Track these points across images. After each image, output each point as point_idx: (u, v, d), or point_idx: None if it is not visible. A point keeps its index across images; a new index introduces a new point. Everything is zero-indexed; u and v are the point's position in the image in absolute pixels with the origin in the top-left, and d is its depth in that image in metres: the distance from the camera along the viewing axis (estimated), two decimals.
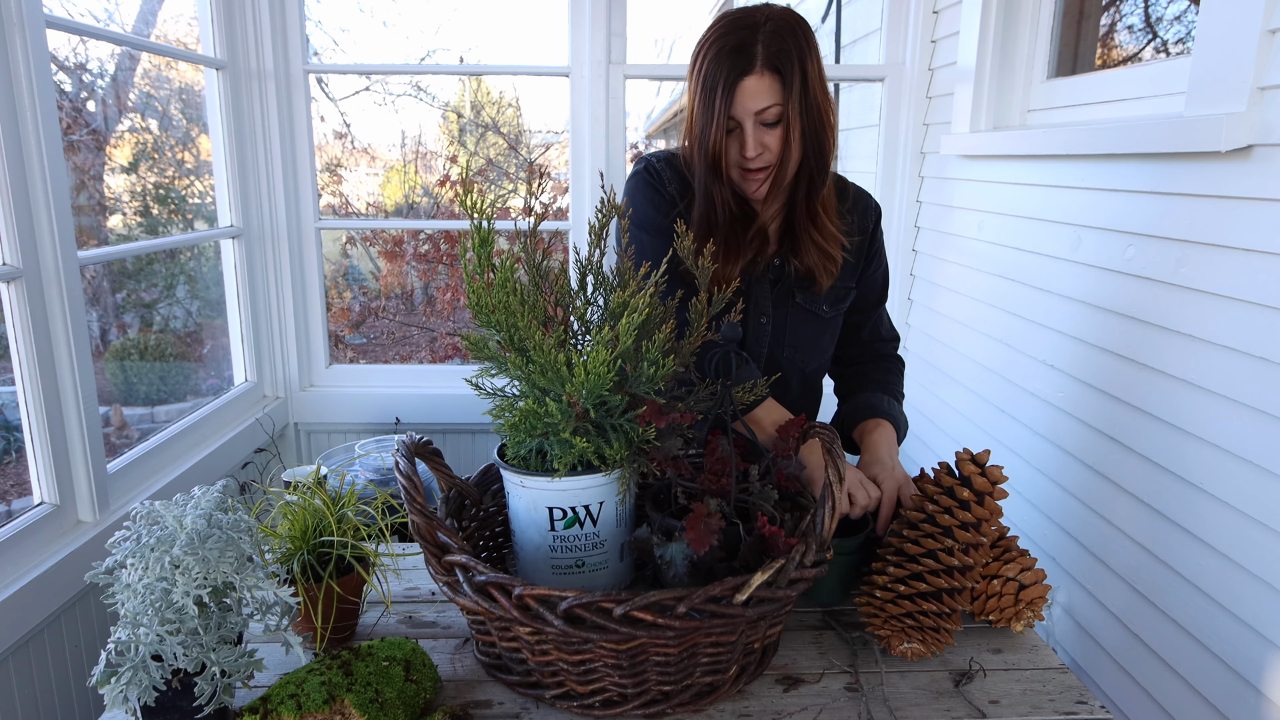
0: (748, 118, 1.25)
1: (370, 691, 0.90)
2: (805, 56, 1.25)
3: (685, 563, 1.00)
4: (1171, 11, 1.75)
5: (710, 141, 1.27)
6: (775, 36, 1.23)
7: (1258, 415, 1.22)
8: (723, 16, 1.27)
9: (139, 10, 3.34)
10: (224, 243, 2.36)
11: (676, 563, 1.00)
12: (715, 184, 1.31)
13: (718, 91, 1.24)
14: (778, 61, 1.23)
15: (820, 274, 1.38)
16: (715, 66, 1.24)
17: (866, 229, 1.46)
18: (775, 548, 0.97)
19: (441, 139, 5.58)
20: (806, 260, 1.37)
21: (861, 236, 1.45)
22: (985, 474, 1.12)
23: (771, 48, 1.23)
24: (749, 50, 1.23)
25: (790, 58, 1.23)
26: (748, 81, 1.23)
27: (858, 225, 1.44)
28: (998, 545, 1.18)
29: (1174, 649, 1.38)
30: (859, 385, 1.50)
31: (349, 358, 5.13)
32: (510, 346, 1.03)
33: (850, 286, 1.47)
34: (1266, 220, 1.21)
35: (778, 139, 1.27)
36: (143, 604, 0.85)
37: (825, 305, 1.44)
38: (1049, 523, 1.76)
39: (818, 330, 1.46)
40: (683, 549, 1.00)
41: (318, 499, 1.11)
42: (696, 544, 0.95)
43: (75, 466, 1.61)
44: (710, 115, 1.25)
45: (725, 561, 1.02)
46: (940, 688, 1.04)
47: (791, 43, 1.24)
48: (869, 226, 1.46)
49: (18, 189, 1.47)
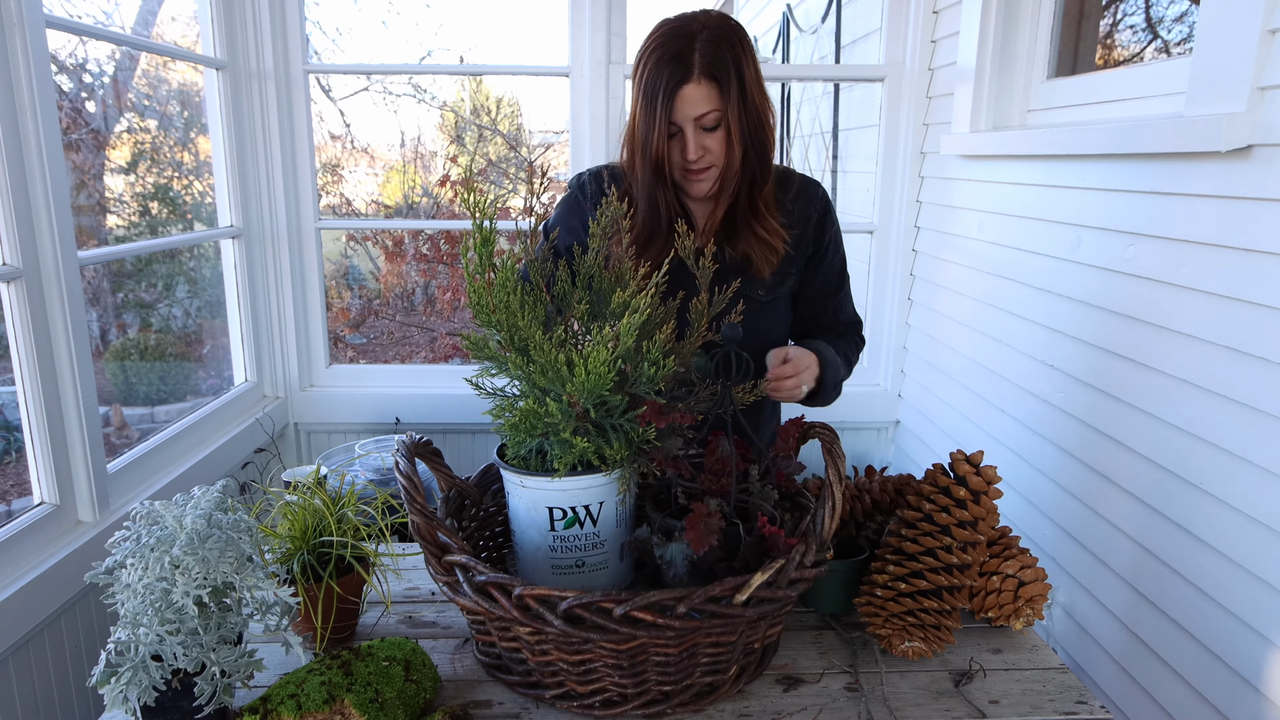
0: (688, 123, 1.30)
1: (370, 691, 0.90)
2: (741, 62, 1.30)
3: (685, 563, 1.00)
4: (1172, 12, 1.75)
5: (653, 147, 1.31)
6: (711, 44, 1.28)
7: (1258, 415, 1.22)
8: (661, 25, 1.32)
9: (139, 10, 3.34)
10: (224, 243, 2.36)
11: (676, 563, 1.00)
12: (659, 187, 1.35)
13: (658, 99, 1.29)
14: (715, 69, 1.27)
15: (759, 261, 1.42)
16: (655, 75, 1.29)
17: (810, 218, 1.48)
18: (775, 548, 0.97)
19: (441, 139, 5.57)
20: (742, 248, 1.41)
21: (803, 226, 1.47)
22: (980, 473, 1.13)
23: (708, 56, 1.27)
24: (687, 59, 1.27)
25: (727, 65, 1.28)
26: (686, 89, 1.28)
27: (799, 215, 1.47)
28: (997, 544, 1.18)
29: (1174, 649, 1.38)
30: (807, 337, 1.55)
31: (349, 358, 5.13)
32: (510, 346, 1.03)
33: (789, 273, 1.48)
34: (1266, 220, 1.21)
35: (719, 142, 1.32)
36: (143, 604, 0.85)
37: (761, 290, 1.46)
38: (1049, 522, 1.76)
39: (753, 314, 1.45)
40: (683, 549, 1.00)
41: (318, 499, 1.11)
42: (696, 544, 0.95)
43: (75, 466, 1.61)
44: (652, 122, 1.30)
45: (725, 561, 1.02)
46: (940, 688, 1.04)
47: (727, 50, 1.29)
48: (812, 216, 1.48)
49: (18, 189, 1.47)
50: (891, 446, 2.71)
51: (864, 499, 1.29)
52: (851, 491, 1.30)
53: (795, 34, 4.23)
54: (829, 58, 3.59)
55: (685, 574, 1.00)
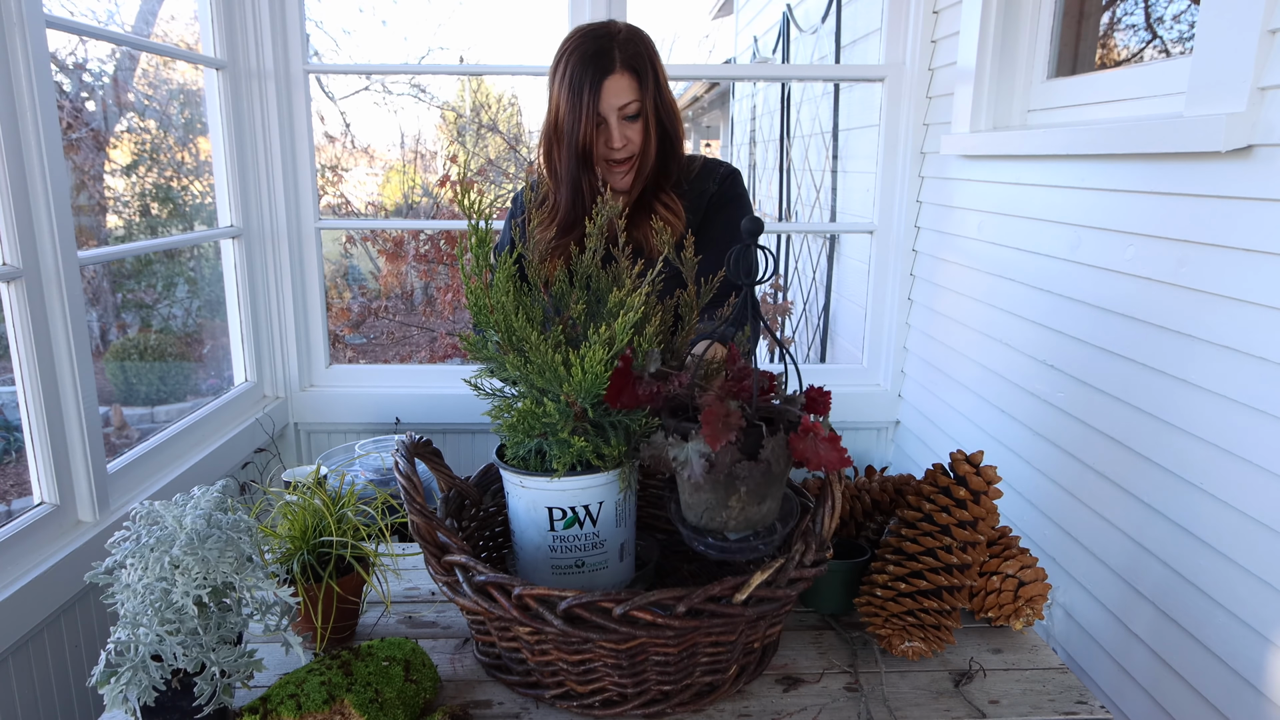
0: (612, 113, 1.44)
1: (370, 691, 0.90)
2: (655, 60, 1.47)
3: (702, 462, 0.91)
4: (1172, 11, 1.75)
5: (580, 135, 1.43)
6: (629, 43, 1.44)
7: (1258, 415, 1.22)
8: (577, 30, 1.47)
9: (139, 10, 3.34)
10: (224, 243, 2.36)
11: (692, 463, 0.91)
12: (584, 174, 1.47)
13: (584, 90, 1.42)
14: (634, 63, 1.43)
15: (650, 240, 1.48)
16: (580, 69, 1.42)
17: (707, 189, 1.59)
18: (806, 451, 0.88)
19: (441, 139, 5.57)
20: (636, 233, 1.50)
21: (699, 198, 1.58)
22: (980, 473, 1.13)
23: (627, 51, 1.43)
24: (608, 54, 1.42)
25: (644, 60, 1.44)
26: (609, 81, 1.42)
27: (695, 190, 1.58)
28: (997, 544, 1.18)
29: (1174, 649, 1.38)
30: None
31: (349, 358, 5.13)
32: (508, 347, 1.03)
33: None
34: (1266, 220, 1.21)
35: (638, 131, 1.47)
36: (142, 604, 0.85)
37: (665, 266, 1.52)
38: (1049, 522, 1.76)
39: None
40: (699, 448, 0.91)
41: (317, 499, 1.11)
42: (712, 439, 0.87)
43: (75, 466, 1.61)
44: (579, 112, 1.42)
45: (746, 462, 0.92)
46: (940, 688, 1.04)
47: (643, 48, 1.45)
48: (709, 189, 1.59)
49: (18, 189, 1.47)
50: (891, 446, 2.71)
51: (864, 499, 1.29)
52: (851, 491, 1.30)
53: (795, 34, 4.23)
54: (829, 58, 3.59)
55: (702, 475, 0.91)
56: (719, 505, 0.94)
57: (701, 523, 0.96)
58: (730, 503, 0.93)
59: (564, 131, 1.45)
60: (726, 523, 0.95)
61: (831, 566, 1.16)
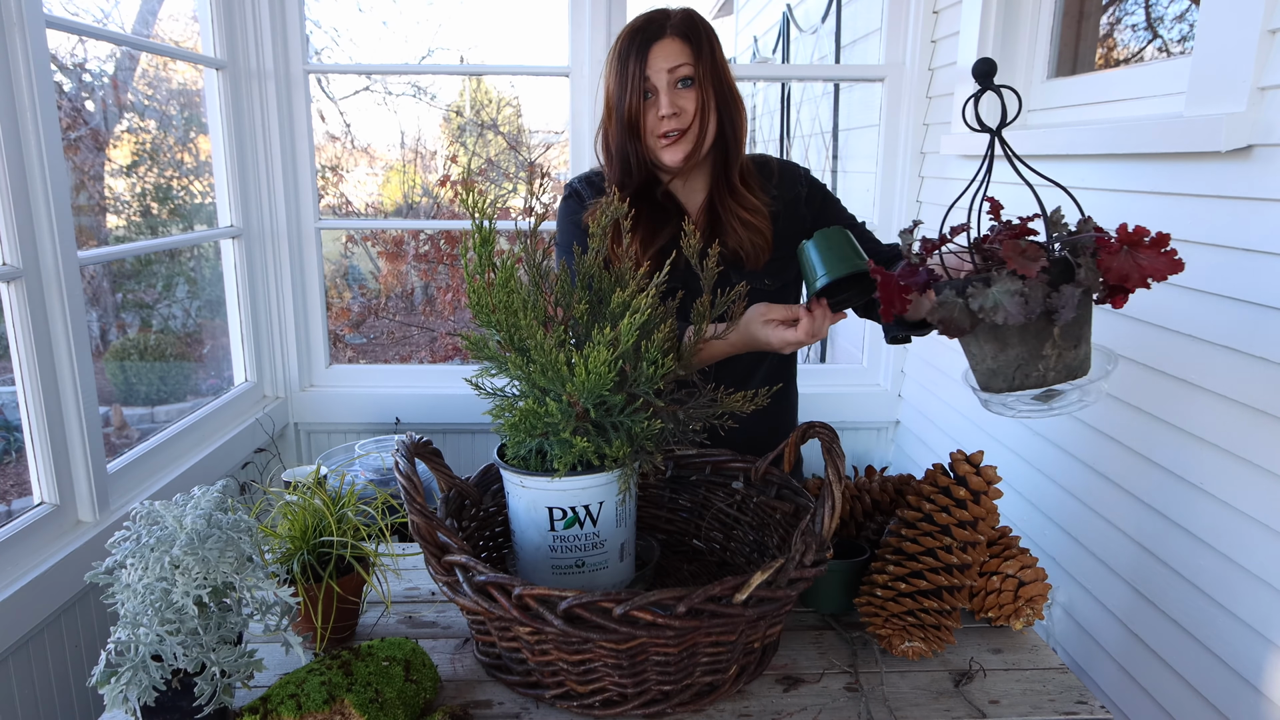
0: (661, 77, 1.34)
1: (370, 691, 0.90)
2: (712, 36, 1.37)
3: (1016, 299, 0.83)
4: (1172, 11, 1.75)
5: (628, 106, 1.35)
6: (683, 14, 1.37)
7: (1258, 415, 1.22)
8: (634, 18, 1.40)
9: (139, 10, 3.34)
10: (224, 243, 2.36)
11: (1004, 304, 0.84)
12: (632, 144, 1.37)
13: (630, 58, 1.34)
14: (686, 29, 1.34)
15: (750, 251, 1.41)
16: (629, 40, 1.35)
17: (799, 195, 1.48)
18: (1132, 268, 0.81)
19: (441, 139, 5.57)
20: (731, 241, 1.40)
21: (794, 205, 1.47)
22: (980, 473, 1.13)
23: (678, 19, 1.35)
24: (658, 22, 1.35)
25: (697, 29, 1.35)
26: (658, 44, 1.33)
27: (787, 196, 1.47)
28: (997, 544, 1.18)
29: (1174, 649, 1.38)
30: None
31: (349, 358, 5.13)
32: (510, 346, 1.03)
33: (790, 254, 1.46)
34: (1266, 220, 1.21)
35: (692, 100, 1.35)
36: (143, 604, 0.85)
37: (768, 279, 1.45)
38: (1049, 522, 1.76)
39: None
40: (1005, 287, 0.84)
41: (318, 499, 1.11)
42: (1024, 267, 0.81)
43: (75, 466, 1.61)
44: (626, 81, 1.34)
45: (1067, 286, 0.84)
46: (940, 688, 1.04)
47: (698, 21, 1.36)
48: (800, 192, 1.49)
49: (18, 189, 1.47)
50: (891, 446, 2.71)
51: (864, 499, 1.29)
52: (851, 491, 1.30)
53: (795, 34, 4.23)
54: (829, 58, 3.59)
55: (1019, 311, 0.83)
56: (1033, 356, 0.87)
57: (1014, 383, 0.89)
58: (1045, 350, 0.87)
59: (613, 105, 1.37)
60: (1045, 375, 0.88)
61: (831, 566, 1.16)
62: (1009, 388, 0.91)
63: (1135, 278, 0.83)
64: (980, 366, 0.94)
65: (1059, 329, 0.86)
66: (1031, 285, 0.84)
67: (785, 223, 1.46)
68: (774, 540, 1.21)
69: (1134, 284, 0.82)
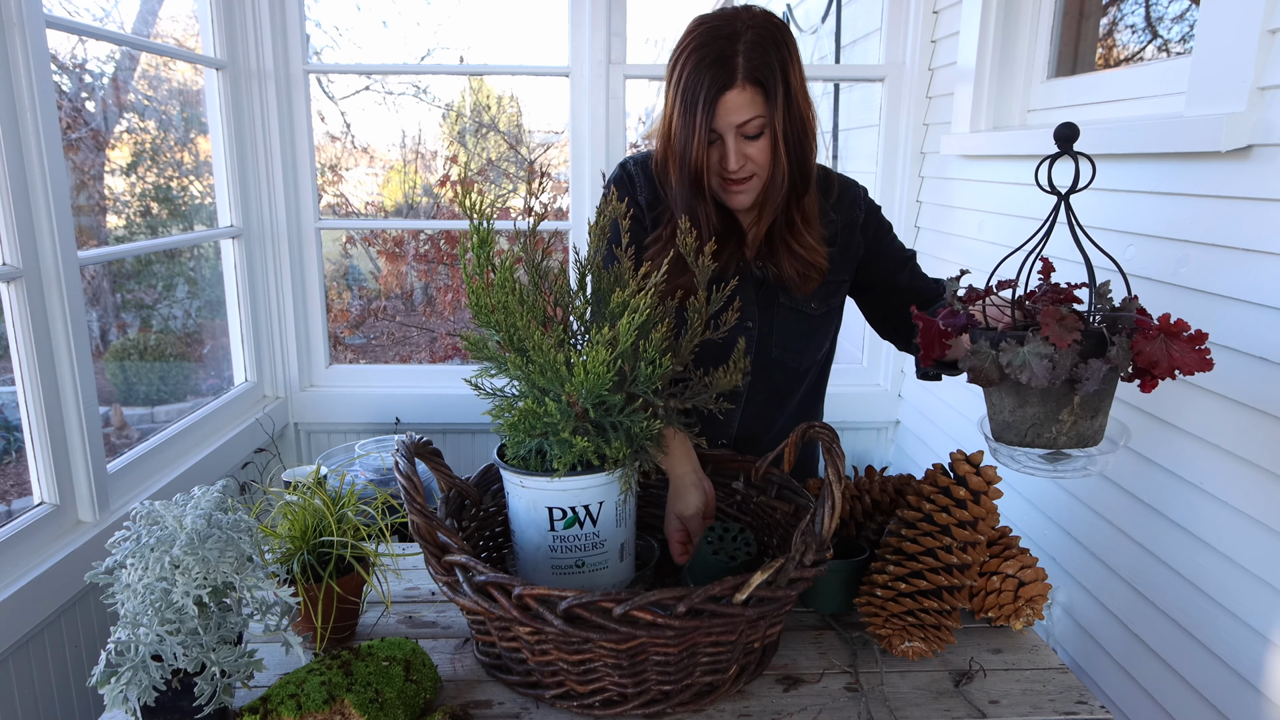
0: (729, 131, 1.22)
1: (370, 691, 0.90)
2: (788, 65, 1.21)
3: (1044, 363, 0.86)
4: (1172, 11, 1.75)
5: (692, 156, 1.22)
6: (756, 47, 1.19)
7: (1258, 415, 1.22)
8: (700, 22, 1.23)
9: (139, 10, 3.34)
10: (224, 243, 2.36)
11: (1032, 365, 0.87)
12: (699, 202, 1.27)
13: (699, 106, 1.19)
14: (760, 74, 1.19)
15: (796, 280, 1.35)
16: (695, 79, 1.19)
17: (855, 220, 1.43)
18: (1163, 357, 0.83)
19: (441, 139, 5.57)
20: (783, 269, 1.35)
21: (849, 232, 1.42)
22: (980, 473, 1.13)
23: (753, 60, 1.18)
24: (730, 62, 1.18)
25: (773, 69, 1.19)
26: (729, 96, 1.19)
27: (843, 222, 1.41)
28: (997, 544, 1.18)
29: (1174, 649, 1.38)
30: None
31: (349, 358, 5.13)
32: (510, 346, 1.03)
33: (842, 280, 1.44)
34: (1266, 220, 1.21)
35: (762, 151, 1.23)
36: (143, 604, 0.85)
37: (814, 303, 1.42)
38: (1049, 522, 1.76)
39: (808, 329, 1.43)
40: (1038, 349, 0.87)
41: (318, 499, 1.11)
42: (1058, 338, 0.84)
43: (75, 466, 1.61)
44: (691, 129, 1.21)
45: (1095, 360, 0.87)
46: (940, 688, 1.04)
47: (774, 53, 1.19)
48: (858, 217, 1.43)
49: (18, 189, 1.47)
50: (891, 446, 2.71)
51: (864, 499, 1.29)
52: (851, 491, 1.30)
53: (795, 34, 4.23)
54: (829, 58, 3.59)
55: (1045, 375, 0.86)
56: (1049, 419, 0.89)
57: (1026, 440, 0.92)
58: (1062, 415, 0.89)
59: (676, 148, 1.24)
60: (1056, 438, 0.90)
61: (831, 566, 1.16)
62: (1019, 443, 0.94)
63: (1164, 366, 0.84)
64: (997, 417, 0.96)
65: (1079, 398, 0.88)
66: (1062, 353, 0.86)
67: (839, 248, 1.40)
68: (774, 540, 1.21)
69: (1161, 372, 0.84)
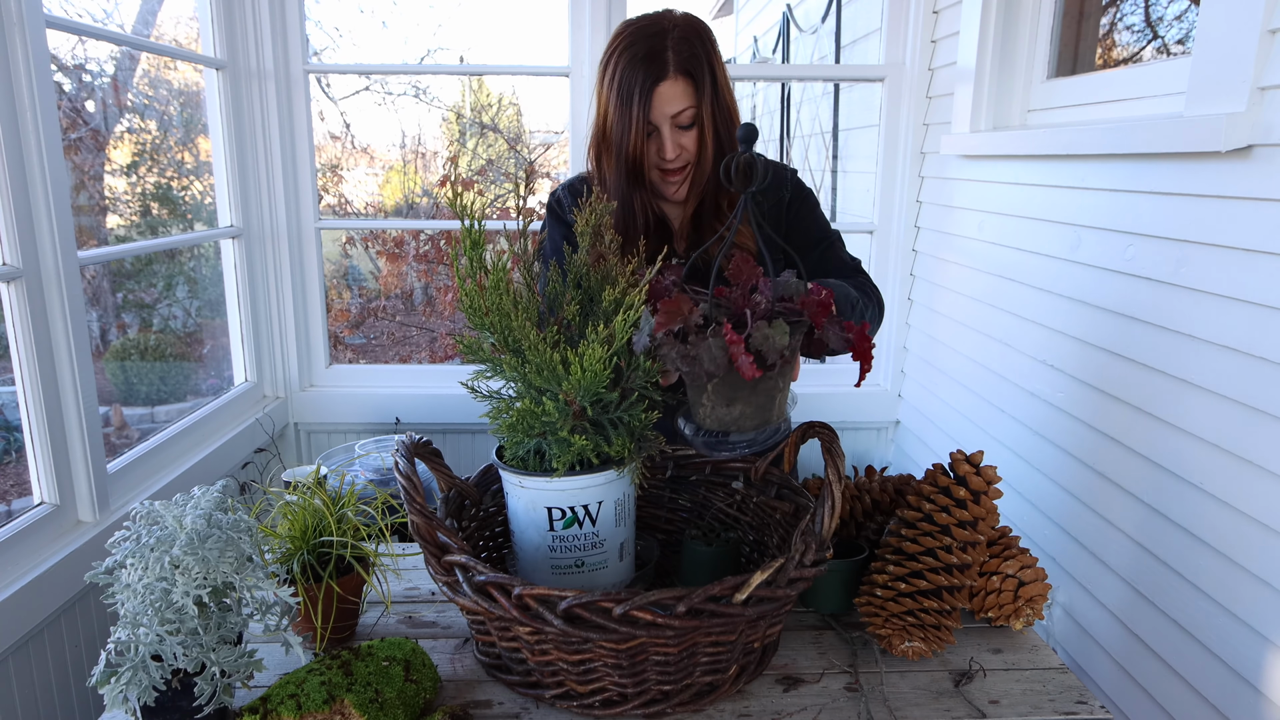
0: (665, 121, 1.30)
1: (370, 691, 0.90)
2: (712, 59, 1.31)
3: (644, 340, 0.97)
4: (1172, 11, 1.75)
5: (629, 146, 1.30)
6: (684, 42, 1.29)
7: (1257, 415, 1.22)
8: (627, 25, 1.32)
9: (139, 10, 3.34)
10: (224, 243, 2.36)
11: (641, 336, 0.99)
12: (636, 192, 1.35)
13: (635, 98, 1.28)
14: (689, 66, 1.28)
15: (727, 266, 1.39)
16: (630, 73, 1.28)
17: (783, 199, 1.46)
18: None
19: (441, 139, 5.57)
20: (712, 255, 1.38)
21: (776, 211, 1.46)
22: (980, 473, 1.13)
23: (682, 53, 1.28)
24: (661, 56, 1.28)
25: (700, 62, 1.29)
26: (663, 87, 1.28)
27: (771, 201, 1.45)
28: (997, 543, 1.18)
29: (1174, 649, 1.38)
30: None
31: (349, 358, 5.13)
32: (504, 348, 1.03)
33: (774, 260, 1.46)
34: (1266, 220, 1.21)
35: (693, 140, 1.33)
36: (143, 604, 0.85)
37: None
38: (1049, 522, 1.76)
39: None
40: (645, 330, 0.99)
41: (318, 499, 1.11)
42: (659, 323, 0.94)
43: (75, 466, 1.61)
44: (629, 121, 1.29)
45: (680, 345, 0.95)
46: (940, 688, 1.04)
47: (700, 47, 1.30)
48: (784, 197, 1.47)
49: (18, 189, 1.47)
50: (891, 446, 2.71)
51: (864, 499, 1.29)
52: (851, 491, 1.30)
53: (795, 34, 4.23)
54: (829, 58, 3.59)
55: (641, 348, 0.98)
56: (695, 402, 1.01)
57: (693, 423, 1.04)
58: (703, 400, 1.00)
59: (613, 141, 1.33)
60: (703, 420, 1.02)
61: (831, 566, 1.16)
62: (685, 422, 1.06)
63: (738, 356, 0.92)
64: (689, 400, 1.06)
65: (711, 385, 0.98)
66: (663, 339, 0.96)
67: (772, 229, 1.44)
68: (774, 540, 1.21)
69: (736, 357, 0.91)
